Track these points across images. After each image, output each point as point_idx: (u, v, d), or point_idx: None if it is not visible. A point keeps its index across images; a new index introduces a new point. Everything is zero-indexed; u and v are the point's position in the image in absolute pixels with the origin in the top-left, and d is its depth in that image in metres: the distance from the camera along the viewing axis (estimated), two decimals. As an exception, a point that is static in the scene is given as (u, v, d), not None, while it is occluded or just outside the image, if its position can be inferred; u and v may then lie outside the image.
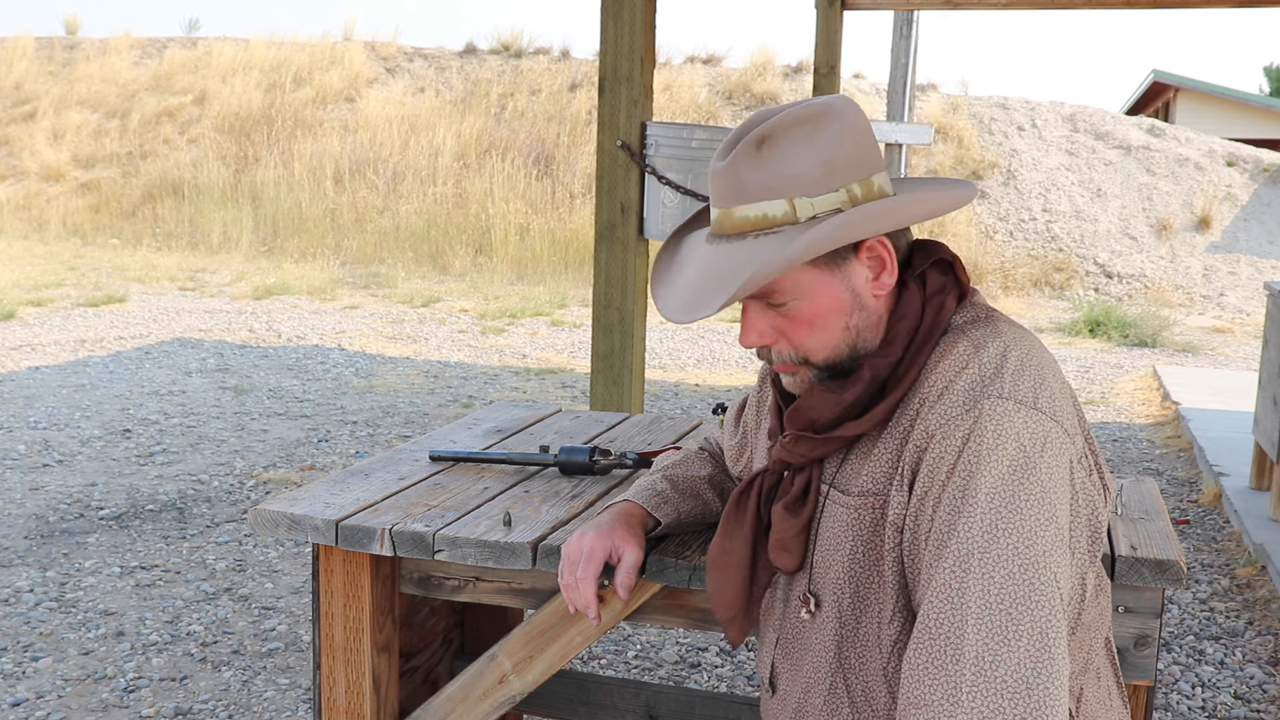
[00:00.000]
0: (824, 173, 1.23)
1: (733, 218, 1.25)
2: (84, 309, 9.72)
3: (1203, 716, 3.17)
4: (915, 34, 11.97)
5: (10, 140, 15.98)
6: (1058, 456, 1.19)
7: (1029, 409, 1.19)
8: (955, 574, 1.14)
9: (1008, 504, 1.15)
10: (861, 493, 1.29)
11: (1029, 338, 1.29)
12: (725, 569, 1.42)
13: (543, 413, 2.51)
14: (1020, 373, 1.23)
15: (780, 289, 1.26)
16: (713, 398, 7.18)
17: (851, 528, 1.30)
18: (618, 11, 3.78)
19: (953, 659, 1.11)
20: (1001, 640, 1.10)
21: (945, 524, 1.17)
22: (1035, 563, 1.13)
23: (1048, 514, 1.16)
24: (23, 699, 3.01)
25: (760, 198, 1.23)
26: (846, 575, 1.31)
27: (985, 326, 1.28)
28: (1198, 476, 5.61)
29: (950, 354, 1.25)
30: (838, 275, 1.27)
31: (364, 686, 1.82)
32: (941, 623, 1.13)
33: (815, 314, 1.27)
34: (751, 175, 1.23)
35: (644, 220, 3.89)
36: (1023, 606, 1.11)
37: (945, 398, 1.22)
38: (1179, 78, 22.05)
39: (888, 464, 1.27)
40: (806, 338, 1.28)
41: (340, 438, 5.87)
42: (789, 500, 1.36)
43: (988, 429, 1.18)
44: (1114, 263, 13.17)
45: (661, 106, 14.85)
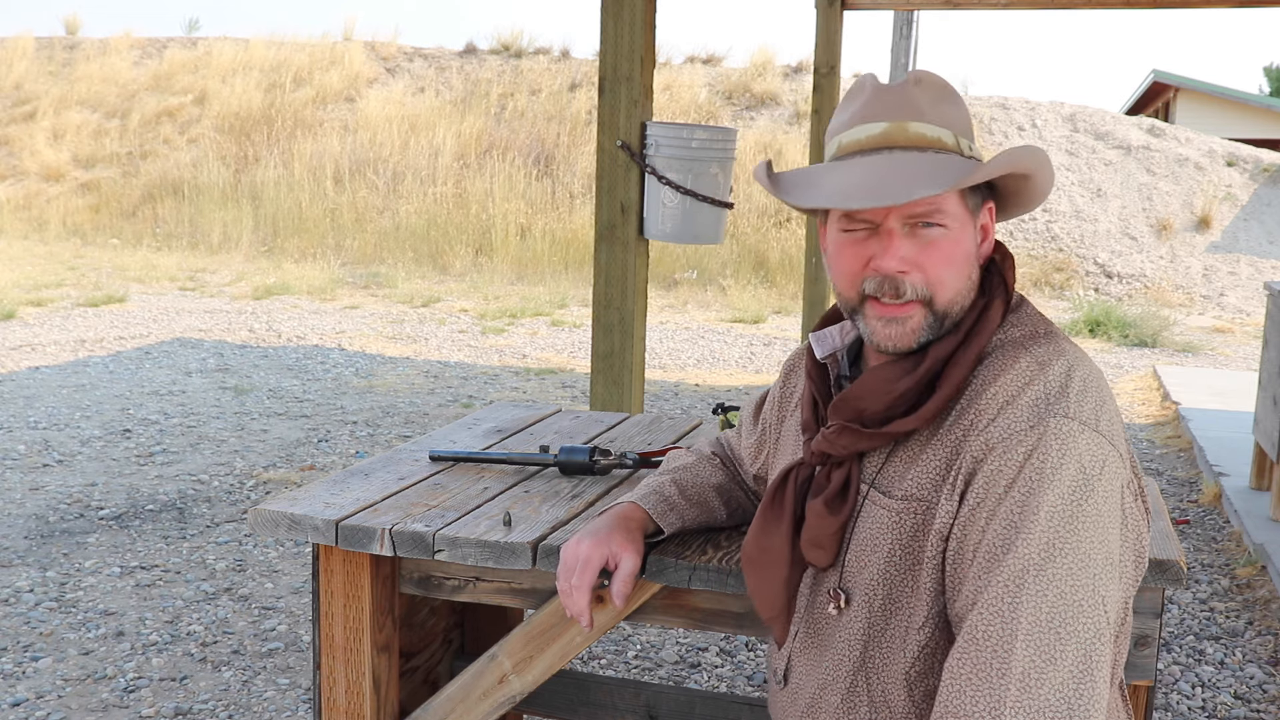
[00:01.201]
0: (968, 127, 1.32)
1: (908, 131, 1.28)
2: (84, 309, 9.72)
3: (1203, 716, 3.17)
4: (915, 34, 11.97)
5: (10, 140, 15.98)
6: (1113, 480, 1.21)
7: (1091, 431, 1.21)
8: (1009, 588, 1.14)
9: (1067, 524, 1.16)
10: (905, 496, 1.28)
11: (1087, 358, 1.31)
12: (766, 567, 1.41)
13: (543, 413, 2.51)
14: (1084, 394, 1.24)
15: (944, 210, 1.27)
16: (713, 398, 7.18)
17: (891, 530, 1.29)
18: (618, 11, 3.78)
19: (999, 673, 1.12)
20: (1048, 659, 1.11)
21: (1001, 538, 1.17)
22: (1088, 585, 1.15)
23: (1102, 537, 1.18)
24: (23, 699, 3.01)
25: (934, 122, 1.29)
26: (881, 577, 1.30)
27: (1047, 344, 1.29)
28: (1198, 476, 5.61)
29: (1012, 368, 1.26)
30: (972, 222, 1.31)
31: (364, 686, 1.82)
32: (990, 635, 1.13)
33: (956, 248, 1.28)
34: (924, 101, 1.29)
35: (644, 220, 3.89)
36: (1071, 628, 1.12)
37: (1008, 412, 1.22)
38: (1179, 78, 22.05)
39: (936, 471, 1.26)
40: (942, 271, 1.27)
41: (340, 438, 5.87)
42: (828, 496, 1.34)
43: (1052, 447, 1.18)
44: (1114, 263, 13.17)
45: (661, 106, 14.85)
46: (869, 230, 1.29)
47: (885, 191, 1.22)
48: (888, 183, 1.24)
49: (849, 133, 1.31)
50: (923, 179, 1.23)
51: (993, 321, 1.31)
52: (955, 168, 1.25)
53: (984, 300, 1.32)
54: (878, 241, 1.28)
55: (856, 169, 1.27)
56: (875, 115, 1.29)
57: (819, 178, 1.31)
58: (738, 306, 11.15)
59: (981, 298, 1.33)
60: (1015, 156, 1.27)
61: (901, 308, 1.28)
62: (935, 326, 1.29)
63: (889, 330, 1.29)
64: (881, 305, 1.29)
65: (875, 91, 1.31)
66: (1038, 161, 1.30)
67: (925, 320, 1.28)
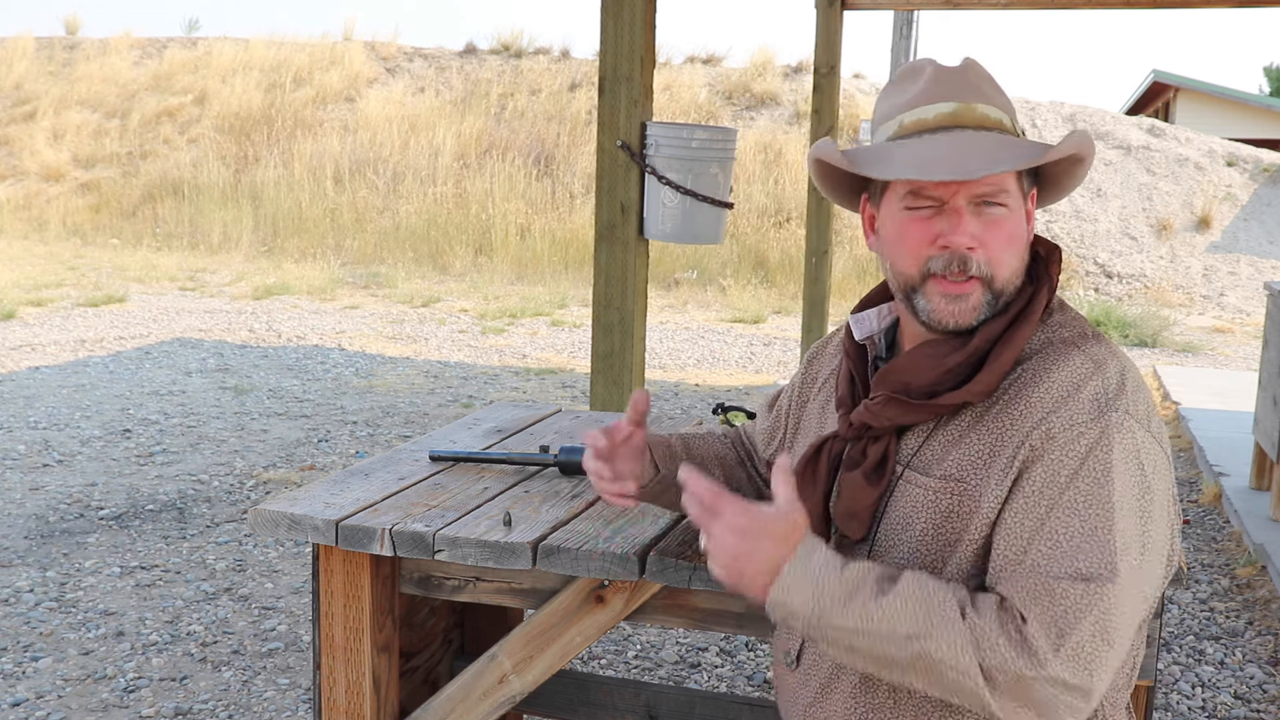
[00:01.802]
0: (1015, 112, 1.36)
1: (976, 112, 1.31)
2: (84, 309, 9.72)
3: (1203, 716, 3.17)
4: (915, 34, 11.97)
5: (10, 140, 15.98)
6: (1165, 481, 1.26)
7: (1146, 432, 1.25)
8: (1097, 572, 1.17)
9: (1136, 519, 1.20)
10: (944, 476, 1.30)
11: (1134, 364, 1.34)
12: None
13: (543, 413, 2.51)
14: (1138, 394, 1.28)
15: (1008, 190, 1.30)
16: (713, 398, 7.18)
17: (926, 509, 1.30)
18: (618, 11, 3.78)
19: (1058, 635, 1.15)
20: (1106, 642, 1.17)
21: (1066, 525, 1.20)
22: (1142, 578, 1.20)
23: (1156, 534, 1.22)
24: (23, 699, 3.01)
25: (995, 105, 1.32)
26: (911, 555, 1.31)
27: (1098, 344, 1.32)
28: (1198, 476, 5.61)
29: (1066, 364, 1.28)
30: (1025, 206, 1.34)
31: (364, 686, 1.82)
32: (1069, 598, 1.16)
33: (1015, 229, 1.31)
34: (985, 84, 1.33)
35: (644, 220, 3.89)
36: (1125, 619, 1.18)
37: (1068, 405, 1.24)
38: (1179, 78, 22.05)
39: (981, 455, 1.28)
40: (1004, 250, 1.30)
41: (340, 438, 5.87)
42: (867, 468, 1.35)
43: (1115, 441, 1.22)
44: (1114, 263, 13.17)
45: (661, 106, 14.85)
46: (934, 209, 1.30)
47: (967, 165, 1.25)
48: (968, 157, 1.26)
49: (913, 112, 1.33)
50: (1001, 155, 1.26)
51: (1039, 307, 1.33)
52: (1022, 147, 1.29)
53: (1031, 287, 1.35)
54: (945, 219, 1.30)
55: (932, 145, 1.29)
56: (943, 95, 1.32)
57: (893, 154, 1.32)
58: (738, 306, 11.15)
59: (1029, 284, 1.35)
60: (1079, 140, 1.30)
61: (964, 285, 1.30)
62: (992, 304, 1.31)
63: (952, 307, 1.30)
64: (946, 282, 1.30)
65: (939, 72, 1.34)
66: (1093, 148, 1.34)
67: (984, 298, 1.30)
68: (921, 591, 1.18)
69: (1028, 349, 1.32)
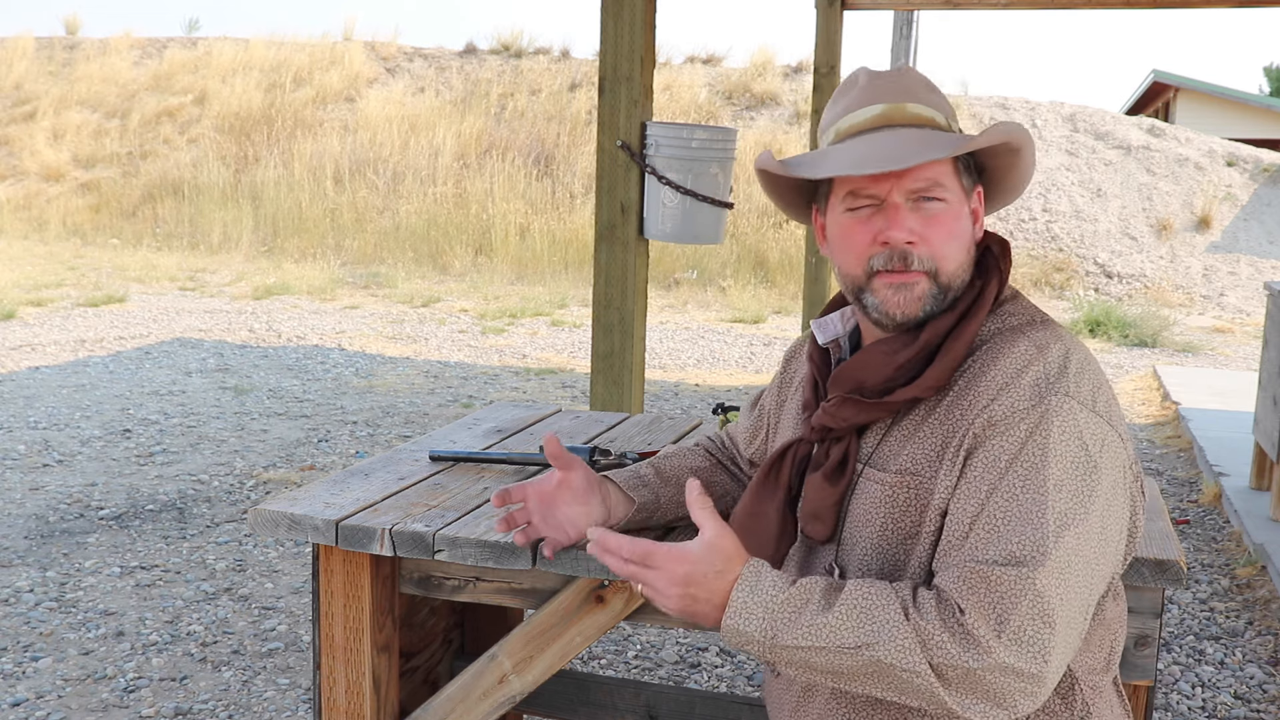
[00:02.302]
0: (953, 114, 1.38)
1: (906, 111, 1.33)
2: (84, 309, 9.72)
3: (1203, 716, 3.17)
4: (915, 34, 11.97)
5: (10, 140, 15.98)
6: (1114, 460, 1.25)
7: (1090, 411, 1.25)
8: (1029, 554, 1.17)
9: (1075, 498, 1.20)
10: (900, 471, 1.31)
11: (1083, 345, 1.34)
12: (755, 534, 1.43)
13: (543, 413, 2.51)
14: (1081, 375, 1.28)
15: (945, 184, 1.31)
16: (713, 398, 7.18)
17: (884, 505, 1.32)
18: (618, 11, 3.78)
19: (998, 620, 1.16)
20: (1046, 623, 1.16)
21: (1005, 510, 1.20)
22: (1087, 558, 1.20)
23: (1100, 514, 1.22)
24: (23, 699, 3.01)
25: (926, 104, 1.35)
26: (874, 552, 1.32)
27: (1044, 329, 1.33)
28: (1198, 476, 5.61)
29: (1011, 351, 1.29)
30: (966, 201, 1.35)
31: (364, 686, 1.82)
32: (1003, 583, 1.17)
33: (955, 222, 1.33)
34: (918, 87, 1.36)
35: (644, 220, 3.89)
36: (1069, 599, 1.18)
37: (1009, 391, 1.25)
38: (1179, 78, 22.05)
39: (932, 448, 1.30)
40: (946, 243, 1.32)
41: (340, 438, 5.87)
42: (828, 469, 1.37)
43: (1054, 424, 1.22)
44: (1114, 263, 13.17)
45: (661, 106, 14.85)
46: (874, 208, 1.32)
47: (896, 157, 1.27)
48: (897, 150, 1.28)
49: (847, 118, 1.36)
50: (929, 146, 1.28)
51: (988, 299, 1.35)
52: (951, 138, 1.32)
53: (980, 282, 1.36)
54: (883, 217, 1.32)
55: (862, 144, 1.32)
56: (874, 98, 1.35)
57: (826, 154, 1.35)
58: (738, 306, 11.15)
59: (978, 279, 1.37)
60: (1008, 128, 1.32)
61: (909, 275, 1.31)
62: (939, 298, 1.32)
63: (898, 297, 1.32)
64: (890, 275, 1.32)
65: (871, 78, 1.36)
66: (1027, 138, 1.35)
67: (930, 290, 1.32)
68: (864, 600, 1.19)
69: (978, 339, 1.34)
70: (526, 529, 1.60)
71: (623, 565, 1.25)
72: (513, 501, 1.59)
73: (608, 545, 1.26)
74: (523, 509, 1.60)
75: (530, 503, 1.60)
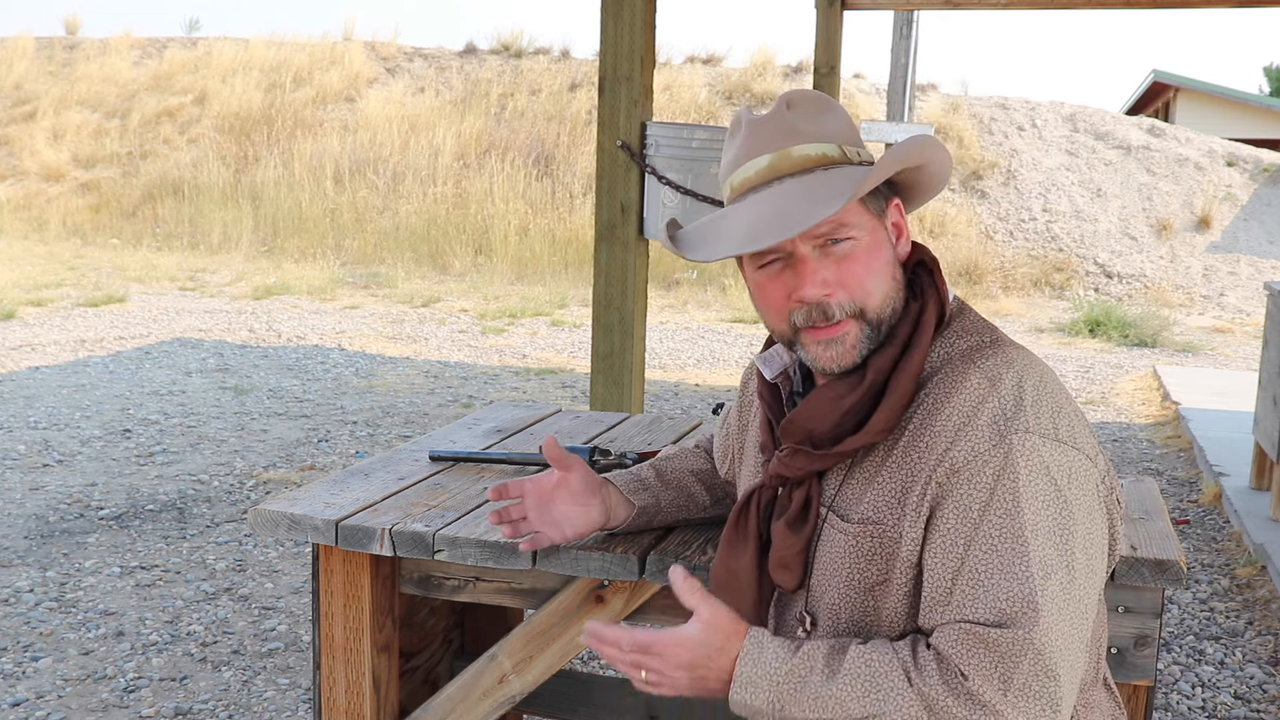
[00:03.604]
0: (853, 132, 1.32)
1: (792, 156, 1.28)
2: (84, 309, 9.72)
3: (1203, 716, 3.17)
4: (915, 34, 11.96)
5: (10, 140, 15.97)
6: (1084, 485, 1.23)
7: (1053, 441, 1.22)
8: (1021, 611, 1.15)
9: (1052, 540, 1.18)
10: (862, 520, 1.28)
11: (1036, 361, 1.30)
12: (734, 591, 1.41)
13: (543, 413, 2.51)
14: (1039, 404, 1.24)
15: (849, 223, 1.26)
16: (713, 398, 7.18)
17: (849, 554, 1.29)
18: (618, 11, 3.78)
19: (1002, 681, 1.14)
20: (1050, 676, 1.15)
21: (986, 563, 1.18)
22: (1077, 597, 1.18)
23: (1082, 547, 1.20)
24: (23, 699, 3.01)
25: (815, 140, 1.28)
26: (842, 600, 1.30)
27: (994, 354, 1.28)
28: (1198, 476, 5.61)
29: (963, 387, 1.25)
30: (881, 224, 1.31)
31: (364, 686, 1.82)
32: (1001, 645, 1.15)
33: (871, 256, 1.28)
34: (800, 123, 1.29)
35: (644, 220, 3.89)
36: (1067, 643, 1.16)
37: (968, 433, 1.22)
38: (1179, 78, 22.04)
39: (893, 494, 1.26)
40: (865, 280, 1.27)
41: (340, 438, 5.87)
42: (790, 517, 1.34)
43: (1020, 465, 1.19)
44: (1114, 263, 13.17)
45: (661, 106, 14.85)
46: (783, 262, 1.29)
47: (788, 222, 1.22)
48: (787, 213, 1.23)
49: (737, 173, 1.31)
50: (820, 199, 1.22)
51: (929, 326, 1.30)
52: (848, 178, 1.25)
53: (917, 305, 1.31)
54: (793, 273, 1.28)
55: (753, 208, 1.27)
56: (756, 149, 1.29)
57: (720, 226, 1.31)
58: (738, 306, 11.15)
59: (914, 302, 1.32)
60: (901, 152, 1.27)
61: (835, 328, 1.28)
62: (874, 336, 1.28)
63: (830, 352, 1.29)
64: (815, 330, 1.28)
65: (750, 126, 1.31)
66: (925, 150, 1.30)
67: (861, 333, 1.28)
68: (868, 667, 1.18)
69: (928, 367, 1.29)
70: (530, 533, 1.59)
71: (622, 656, 1.25)
72: (509, 496, 1.58)
73: (605, 638, 1.26)
74: (519, 504, 1.59)
75: (527, 499, 1.58)
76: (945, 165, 1.34)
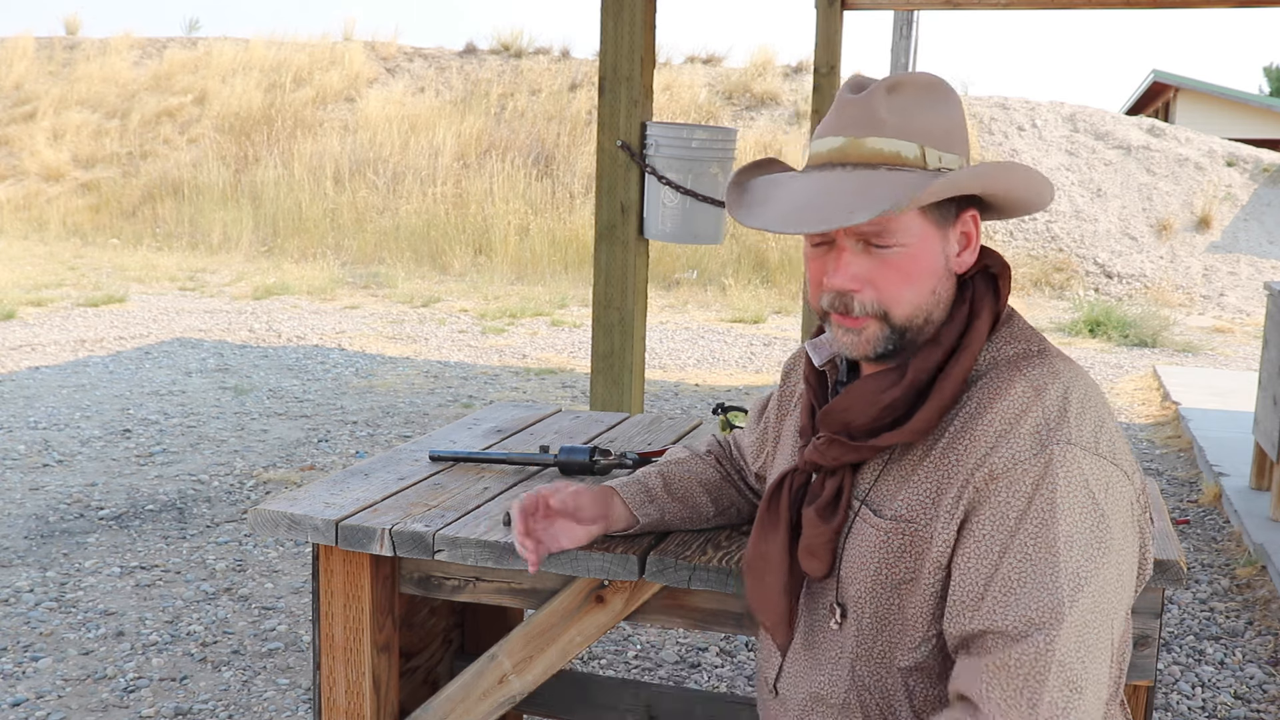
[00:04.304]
0: (946, 133, 1.27)
1: (864, 147, 1.25)
2: (84, 309, 9.72)
3: (1203, 716, 3.17)
4: (915, 34, 11.97)
5: (10, 140, 15.97)
6: (1121, 501, 1.22)
7: (1093, 455, 1.21)
8: (1045, 620, 1.15)
9: (1087, 553, 1.17)
10: (895, 517, 1.28)
11: (1081, 373, 1.29)
12: (764, 574, 1.40)
13: (543, 413, 2.51)
14: (1082, 416, 1.23)
15: (896, 229, 1.24)
16: (713, 398, 7.18)
17: (879, 550, 1.29)
18: (618, 11, 3.78)
19: (1029, 703, 1.13)
20: (1075, 690, 1.14)
21: (1019, 571, 1.17)
22: (1105, 612, 1.18)
23: (1116, 562, 1.19)
24: (23, 699, 3.01)
25: (894, 135, 1.24)
26: (868, 594, 1.30)
27: (1041, 364, 1.27)
28: (1198, 476, 5.61)
29: (1008, 393, 1.24)
30: (940, 234, 1.28)
31: (364, 686, 1.82)
32: (1024, 664, 1.14)
33: (914, 265, 1.26)
34: (886, 113, 1.25)
35: (644, 220, 3.89)
36: (1093, 657, 1.16)
37: (1009, 440, 1.21)
38: (1179, 78, 22.05)
39: (927, 494, 1.26)
40: (898, 289, 1.26)
41: (340, 438, 5.87)
42: (820, 505, 1.34)
43: (1059, 476, 1.18)
44: (1114, 263, 13.17)
45: (661, 106, 14.85)
46: (828, 245, 1.29)
47: (825, 214, 1.21)
48: (831, 204, 1.22)
49: (815, 144, 1.31)
50: (866, 201, 1.20)
51: (980, 334, 1.29)
52: (906, 186, 1.21)
53: (966, 310, 1.30)
54: (832, 258, 1.28)
55: (803, 189, 1.27)
56: (836, 128, 1.28)
57: (774, 194, 1.31)
58: (738, 306, 11.15)
59: (963, 307, 1.30)
60: (964, 178, 1.24)
61: (855, 321, 1.28)
62: (895, 339, 1.28)
63: (848, 339, 1.29)
64: (839, 317, 1.29)
65: (841, 102, 1.28)
66: (994, 178, 1.27)
67: (881, 333, 1.27)
68: None
69: (975, 371, 1.29)
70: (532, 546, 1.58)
71: None
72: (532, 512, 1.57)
73: None
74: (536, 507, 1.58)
75: (540, 510, 1.58)
76: (1028, 192, 1.31)
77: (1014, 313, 1.36)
